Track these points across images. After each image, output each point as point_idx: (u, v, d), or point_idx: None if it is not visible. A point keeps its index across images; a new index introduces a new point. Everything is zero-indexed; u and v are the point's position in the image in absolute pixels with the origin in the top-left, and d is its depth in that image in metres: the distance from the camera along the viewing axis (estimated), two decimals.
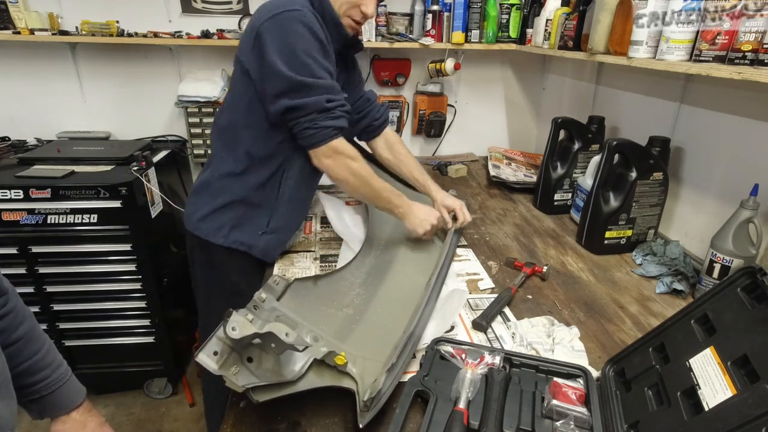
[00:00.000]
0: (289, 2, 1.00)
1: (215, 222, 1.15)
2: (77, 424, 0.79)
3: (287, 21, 0.97)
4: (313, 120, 1.02)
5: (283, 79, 0.98)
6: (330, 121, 1.04)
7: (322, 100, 1.01)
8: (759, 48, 0.84)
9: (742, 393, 0.55)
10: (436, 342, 0.85)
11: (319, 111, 1.02)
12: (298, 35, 0.97)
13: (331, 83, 1.03)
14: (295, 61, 0.98)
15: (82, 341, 1.82)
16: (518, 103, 2.34)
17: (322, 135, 1.04)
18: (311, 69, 0.99)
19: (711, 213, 1.22)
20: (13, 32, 1.79)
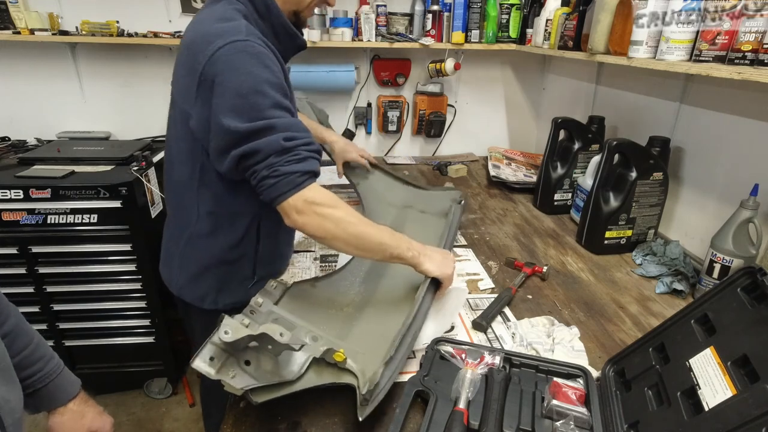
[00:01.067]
0: (230, 29, 0.82)
1: (198, 290, 1.03)
2: (75, 415, 0.79)
3: (233, 56, 0.79)
4: (272, 166, 0.81)
5: (230, 132, 0.80)
6: (294, 165, 0.82)
7: (279, 139, 0.81)
8: (759, 48, 0.84)
9: (742, 393, 0.55)
10: (436, 342, 0.85)
11: (277, 153, 0.81)
12: (246, 73, 0.80)
13: (289, 121, 0.83)
14: (243, 107, 0.80)
15: (82, 341, 1.82)
16: (518, 103, 2.34)
17: (287, 183, 0.82)
18: (262, 110, 0.80)
19: (711, 213, 1.22)
20: (13, 32, 1.79)
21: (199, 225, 0.97)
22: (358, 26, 1.94)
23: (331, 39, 1.93)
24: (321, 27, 1.93)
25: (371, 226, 0.90)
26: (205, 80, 0.81)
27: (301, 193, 0.83)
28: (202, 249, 1.00)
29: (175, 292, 1.07)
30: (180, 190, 0.98)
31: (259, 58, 0.81)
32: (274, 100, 0.82)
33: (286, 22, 0.91)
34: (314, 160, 0.86)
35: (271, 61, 0.83)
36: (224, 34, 0.81)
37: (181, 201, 0.99)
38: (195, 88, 0.82)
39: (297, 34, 0.94)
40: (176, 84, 0.91)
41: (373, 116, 2.24)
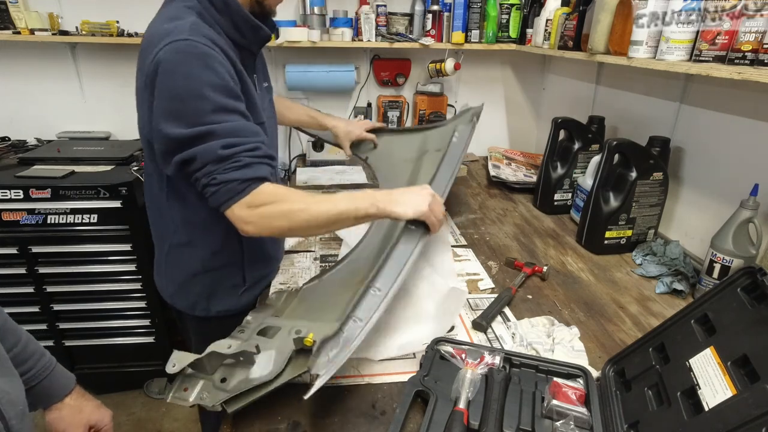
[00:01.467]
0: (174, 29, 0.78)
1: (187, 298, 1.02)
2: (72, 410, 0.79)
3: (172, 58, 0.76)
4: (210, 174, 0.78)
5: (169, 138, 0.78)
6: (233, 173, 0.78)
7: (216, 148, 0.77)
8: (759, 48, 0.84)
9: (742, 393, 0.55)
10: (436, 342, 0.85)
11: (214, 161, 0.78)
12: (184, 76, 0.76)
13: (232, 126, 0.79)
14: (181, 112, 0.77)
15: (82, 341, 1.82)
16: (518, 103, 2.34)
17: (226, 192, 0.79)
18: (201, 115, 0.77)
19: (711, 213, 1.22)
20: (13, 32, 1.79)
21: (177, 235, 0.96)
22: (358, 26, 1.94)
23: (331, 39, 1.93)
24: (321, 27, 1.93)
25: (324, 202, 0.85)
26: (149, 84, 0.79)
27: (243, 201, 0.80)
28: (184, 259, 0.99)
29: (168, 300, 1.07)
30: (155, 201, 0.97)
31: (202, 59, 0.77)
32: (216, 103, 0.78)
33: (246, 14, 0.87)
34: (260, 165, 0.82)
35: (217, 61, 0.79)
36: (167, 35, 0.78)
37: (158, 212, 0.98)
38: (142, 91, 0.82)
39: (260, 26, 0.90)
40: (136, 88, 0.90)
41: (373, 116, 2.24)
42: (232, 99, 0.80)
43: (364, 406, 0.76)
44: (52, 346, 1.80)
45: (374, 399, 0.77)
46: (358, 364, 0.84)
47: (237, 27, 0.88)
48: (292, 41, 1.86)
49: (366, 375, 0.82)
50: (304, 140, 2.18)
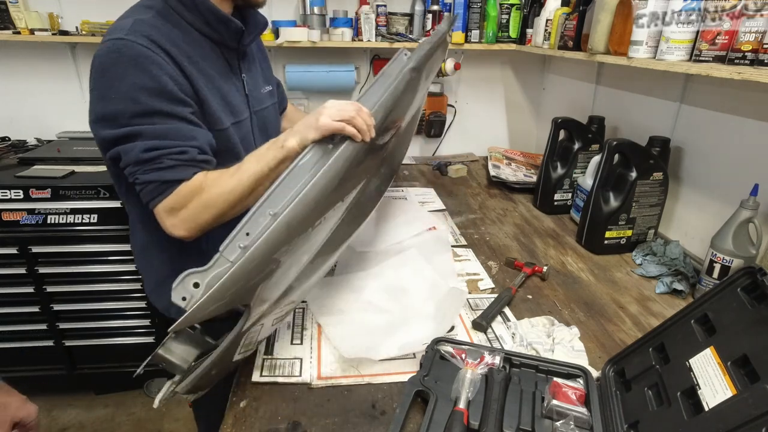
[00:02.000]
0: (115, 28, 0.78)
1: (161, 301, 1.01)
2: None
3: (104, 58, 0.76)
4: (133, 174, 0.79)
5: (99, 138, 0.80)
6: (153, 174, 0.78)
7: (138, 150, 0.76)
8: (759, 48, 0.84)
9: (742, 393, 0.55)
10: (436, 342, 0.85)
11: (135, 163, 0.78)
12: (115, 77, 0.75)
13: (160, 130, 0.77)
14: (109, 113, 0.76)
15: (82, 341, 1.82)
16: (518, 103, 2.34)
17: (147, 193, 0.79)
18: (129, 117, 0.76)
19: (711, 213, 1.22)
20: (13, 32, 1.79)
21: (139, 237, 0.97)
22: (358, 26, 1.94)
23: (331, 39, 1.93)
24: (321, 27, 1.93)
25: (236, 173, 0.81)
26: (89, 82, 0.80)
27: (165, 204, 0.79)
28: (153, 261, 0.99)
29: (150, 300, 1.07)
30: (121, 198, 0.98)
31: (134, 60, 0.75)
32: (146, 106, 0.76)
33: (213, 7, 0.85)
34: (185, 168, 0.79)
35: (152, 63, 0.76)
36: (107, 34, 0.78)
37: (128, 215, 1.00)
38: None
39: (229, 19, 0.88)
40: None
41: None
42: (167, 102, 0.78)
43: (364, 406, 0.76)
44: (52, 346, 1.80)
45: (374, 399, 0.77)
46: (358, 364, 0.84)
47: (206, 21, 0.86)
48: (292, 41, 1.86)
49: (366, 375, 0.82)
50: None
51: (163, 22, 0.82)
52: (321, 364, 0.85)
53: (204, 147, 0.83)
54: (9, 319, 1.73)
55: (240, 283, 0.62)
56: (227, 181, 0.81)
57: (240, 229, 0.63)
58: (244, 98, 0.99)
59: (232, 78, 0.95)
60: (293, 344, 0.90)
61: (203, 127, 0.84)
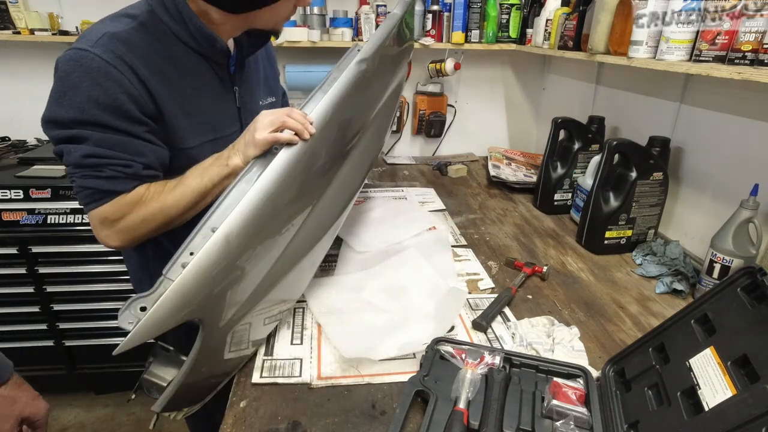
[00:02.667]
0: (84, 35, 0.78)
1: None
2: (6, 401, 0.74)
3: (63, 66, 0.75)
4: (71, 176, 0.78)
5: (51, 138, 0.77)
6: (90, 180, 0.76)
7: (78, 153, 0.74)
8: (759, 48, 0.84)
9: (742, 393, 0.55)
10: (436, 342, 0.85)
11: (74, 165, 0.76)
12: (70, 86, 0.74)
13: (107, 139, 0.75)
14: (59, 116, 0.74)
15: (82, 341, 1.82)
16: (518, 103, 2.34)
17: (84, 197, 0.78)
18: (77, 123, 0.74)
19: (711, 213, 1.22)
20: (13, 32, 1.79)
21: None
22: (358, 26, 1.94)
23: (331, 39, 1.93)
24: (321, 27, 1.93)
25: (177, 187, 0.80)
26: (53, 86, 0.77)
27: (100, 212, 0.78)
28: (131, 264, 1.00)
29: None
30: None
31: (91, 74, 0.73)
32: (96, 118, 0.74)
33: (198, 24, 0.83)
34: (124, 180, 0.77)
35: (110, 79, 0.74)
36: (76, 41, 0.77)
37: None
38: None
39: (215, 39, 0.84)
40: None
41: None
42: (119, 118, 0.75)
43: (364, 406, 0.76)
44: (52, 346, 1.80)
45: (374, 399, 0.77)
46: (358, 364, 0.84)
47: (193, 36, 0.84)
48: (292, 41, 1.86)
49: (366, 375, 0.82)
50: None
51: (143, 35, 0.79)
52: (321, 364, 0.85)
53: (152, 163, 0.81)
54: (9, 319, 1.73)
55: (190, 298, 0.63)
56: (168, 195, 0.79)
57: (183, 249, 0.64)
58: (236, 112, 0.96)
59: (221, 92, 0.92)
60: (293, 344, 0.90)
61: (158, 144, 0.82)
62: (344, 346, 0.86)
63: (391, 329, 0.92)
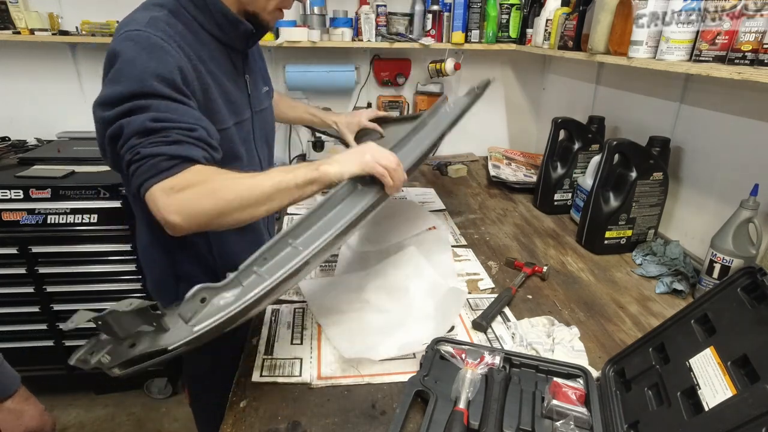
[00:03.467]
0: (130, 20, 0.78)
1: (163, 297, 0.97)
2: (12, 414, 0.74)
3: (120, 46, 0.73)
4: (133, 148, 0.69)
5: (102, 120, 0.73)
6: (162, 147, 0.69)
7: (144, 120, 0.69)
8: (759, 48, 0.84)
9: (742, 393, 0.55)
10: (436, 342, 0.85)
11: (139, 133, 0.69)
12: (128, 61, 0.72)
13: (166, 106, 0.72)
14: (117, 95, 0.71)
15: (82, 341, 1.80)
16: (518, 103, 2.34)
17: (149, 168, 0.69)
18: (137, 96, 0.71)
19: (711, 213, 1.22)
20: (13, 32, 1.79)
21: (143, 235, 0.96)
22: (358, 26, 1.94)
23: (331, 39, 1.93)
24: (321, 27, 1.93)
25: (258, 175, 0.75)
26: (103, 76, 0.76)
27: (166, 183, 0.69)
28: (153, 261, 0.98)
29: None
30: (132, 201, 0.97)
31: (150, 49, 0.73)
32: (156, 89, 0.72)
33: (224, 9, 0.85)
34: (194, 146, 0.72)
35: (167, 54, 0.74)
36: (122, 27, 0.77)
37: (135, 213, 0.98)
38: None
39: (239, 21, 0.87)
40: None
41: None
42: (176, 91, 0.74)
43: (364, 406, 0.76)
44: (52, 346, 1.80)
45: (374, 399, 0.77)
46: (358, 364, 0.84)
47: (217, 22, 0.86)
48: (292, 41, 1.86)
49: (366, 375, 0.82)
50: (304, 140, 2.18)
51: (176, 21, 0.82)
52: (321, 364, 0.85)
53: (212, 131, 0.78)
54: (9, 319, 1.73)
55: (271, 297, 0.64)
56: (247, 178, 0.74)
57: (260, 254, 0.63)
58: (247, 98, 1.00)
59: (236, 78, 0.96)
60: (293, 344, 0.90)
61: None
62: (344, 346, 0.86)
63: (391, 329, 0.92)
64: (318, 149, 2.06)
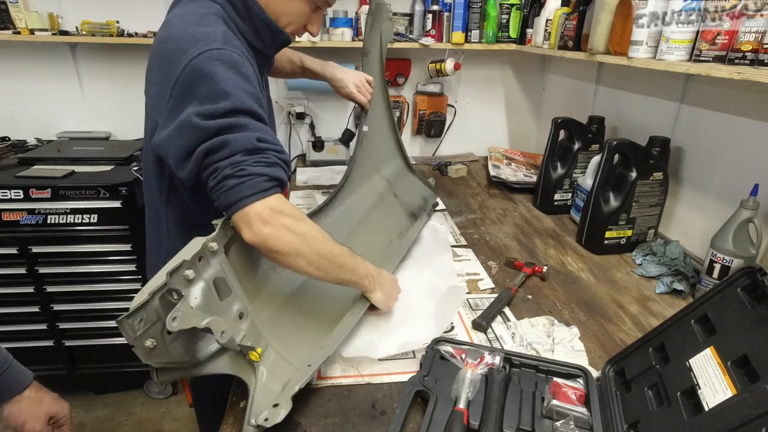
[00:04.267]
0: (206, 36, 0.77)
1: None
2: (32, 402, 0.80)
3: (208, 65, 0.75)
4: (237, 165, 0.73)
5: (199, 128, 0.73)
6: (263, 168, 0.75)
7: (251, 138, 0.74)
8: (759, 48, 0.84)
9: (742, 393, 0.55)
10: (436, 342, 0.85)
11: (246, 151, 0.74)
12: (222, 80, 0.75)
13: (261, 127, 0.78)
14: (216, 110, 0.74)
15: (82, 341, 1.82)
16: (518, 103, 2.34)
17: (252, 186, 0.73)
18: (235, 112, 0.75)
19: (711, 213, 1.22)
20: (13, 32, 1.79)
21: (171, 241, 0.96)
22: (358, 26, 1.94)
23: (331, 39, 1.93)
24: (321, 27, 1.93)
25: (334, 244, 0.83)
26: (178, 89, 0.76)
27: (267, 200, 0.75)
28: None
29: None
30: (154, 203, 0.96)
31: (236, 68, 0.77)
32: (249, 106, 0.76)
33: (267, 18, 0.88)
34: (282, 170, 0.79)
35: (249, 71, 0.79)
36: (199, 42, 0.76)
37: (155, 215, 0.97)
38: (167, 98, 0.77)
39: (280, 30, 0.91)
40: (149, 92, 0.86)
41: None
42: (259, 107, 0.79)
43: (364, 406, 0.76)
44: (52, 346, 1.80)
45: (374, 399, 0.77)
46: (358, 364, 0.84)
47: (257, 31, 0.89)
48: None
49: (366, 375, 0.82)
50: (304, 140, 2.18)
51: (232, 33, 0.84)
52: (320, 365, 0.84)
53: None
54: (9, 319, 1.73)
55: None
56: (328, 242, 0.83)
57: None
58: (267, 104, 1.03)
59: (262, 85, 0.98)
60: None
61: None
62: (343, 345, 0.86)
63: (391, 328, 0.92)
64: (318, 149, 2.06)
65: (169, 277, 0.64)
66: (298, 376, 0.72)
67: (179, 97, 0.76)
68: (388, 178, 1.42)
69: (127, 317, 0.60)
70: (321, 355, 0.77)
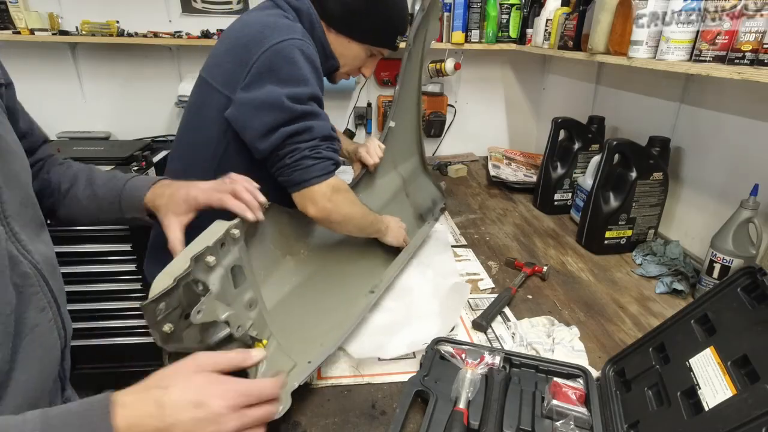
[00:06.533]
0: (287, 27, 0.91)
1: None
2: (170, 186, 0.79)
3: (291, 51, 0.88)
4: (316, 148, 0.90)
5: (286, 110, 0.86)
6: (332, 153, 0.93)
7: (328, 126, 0.92)
8: (759, 48, 0.84)
9: (742, 393, 0.55)
10: (436, 342, 0.85)
11: (323, 137, 0.91)
12: (303, 68, 0.88)
13: (324, 114, 0.95)
14: (301, 94, 0.88)
15: (83, 341, 1.82)
16: (518, 103, 2.34)
17: (323, 168, 0.91)
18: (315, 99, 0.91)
19: (711, 213, 1.22)
20: (13, 32, 1.79)
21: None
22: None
23: None
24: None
25: (365, 207, 1.03)
26: (257, 68, 0.87)
27: (330, 180, 0.92)
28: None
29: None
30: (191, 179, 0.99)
31: (311, 59, 0.90)
32: (321, 96, 0.92)
33: (326, 41, 1.01)
34: (337, 155, 0.96)
35: (319, 66, 0.93)
36: (282, 31, 0.89)
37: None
38: (244, 77, 0.88)
39: (333, 56, 1.04)
40: (216, 71, 0.95)
41: (373, 116, 2.24)
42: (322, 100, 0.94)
43: (364, 406, 0.76)
44: None
45: (374, 399, 0.77)
46: (358, 364, 0.84)
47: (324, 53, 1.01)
48: None
49: (366, 375, 0.82)
50: None
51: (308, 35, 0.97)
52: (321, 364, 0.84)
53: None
54: None
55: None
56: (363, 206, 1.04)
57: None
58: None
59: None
60: None
61: None
62: (352, 346, 0.86)
63: (397, 328, 0.92)
64: None
65: (194, 263, 0.63)
66: (297, 372, 0.72)
67: (257, 74, 0.87)
68: (404, 176, 1.41)
69: (154, 301, 0.59)
70: (321, 352, 0.77)
